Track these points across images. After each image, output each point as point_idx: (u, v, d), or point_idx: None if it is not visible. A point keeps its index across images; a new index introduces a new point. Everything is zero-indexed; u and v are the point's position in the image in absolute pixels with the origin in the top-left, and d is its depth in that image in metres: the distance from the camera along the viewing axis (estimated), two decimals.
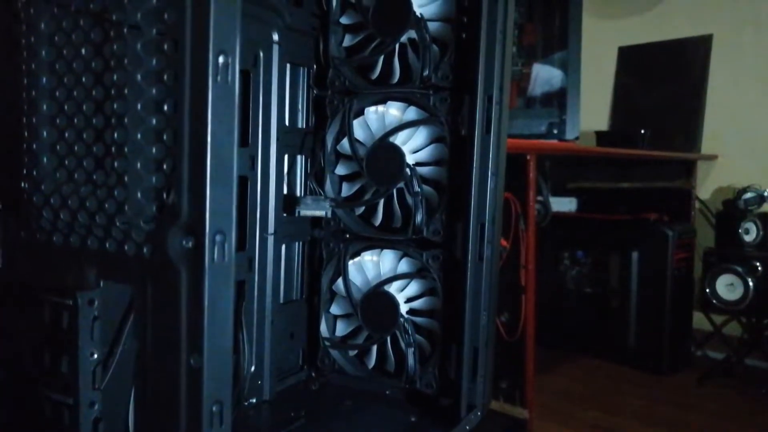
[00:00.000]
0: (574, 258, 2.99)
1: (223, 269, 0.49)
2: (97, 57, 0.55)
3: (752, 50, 2.86)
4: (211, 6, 0.46)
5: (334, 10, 1.08)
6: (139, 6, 0.52)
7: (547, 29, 2.48)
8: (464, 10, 1.01)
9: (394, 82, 1.06)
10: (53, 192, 0.58)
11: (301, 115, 1.11)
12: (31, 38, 0.58)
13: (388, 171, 1.04)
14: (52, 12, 0.56)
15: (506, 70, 1.01)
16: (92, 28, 0.55)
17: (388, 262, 1.07)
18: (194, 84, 0.48)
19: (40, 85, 0.59)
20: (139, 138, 0.53)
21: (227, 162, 0.49)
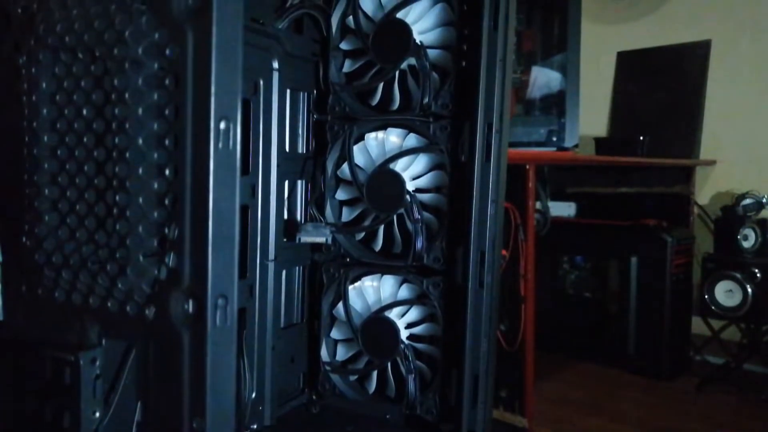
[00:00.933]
0: (573, 263, 2.99)
1: (225, 333, 0.50)
2: (98, 119, 0.55)
3: (750, 56, 2.86)
4: (213, 73, 0.46)
5: (334, 36, 1.08)
6: (140, 73, 0.52)
7: (546, 36, 2.48)
8: (464, 38, 1.01)
9: (395, 109, 1.06)
10: (55, 250, 0.59)
11: (301, 140, 1.11)
12: (32, 96, 0.59)
13: (388, 197, 1.04)
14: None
15: (506, 97, 1.01)
16: (93, 89, 0.56)
17: (388, 287, 1.08)
18: (196, 150, 0.48)
19: (41, 142, 0.59)
20: (140, 202, 0.53)
21: (229, 227, 0.49)
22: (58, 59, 0.56)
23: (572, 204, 3.13)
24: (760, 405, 2.44)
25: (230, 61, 0.47)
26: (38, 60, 0.57)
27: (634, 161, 2.61)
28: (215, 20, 0.45)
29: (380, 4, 1.06)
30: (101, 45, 0.54)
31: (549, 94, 2.43)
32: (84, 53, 0.55)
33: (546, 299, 2.87)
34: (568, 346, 2.92)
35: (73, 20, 0.55)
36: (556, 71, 2.38)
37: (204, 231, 0.48)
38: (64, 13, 0.56)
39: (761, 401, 2.46)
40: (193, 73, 0.47)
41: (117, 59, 0.53)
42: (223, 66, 0.47)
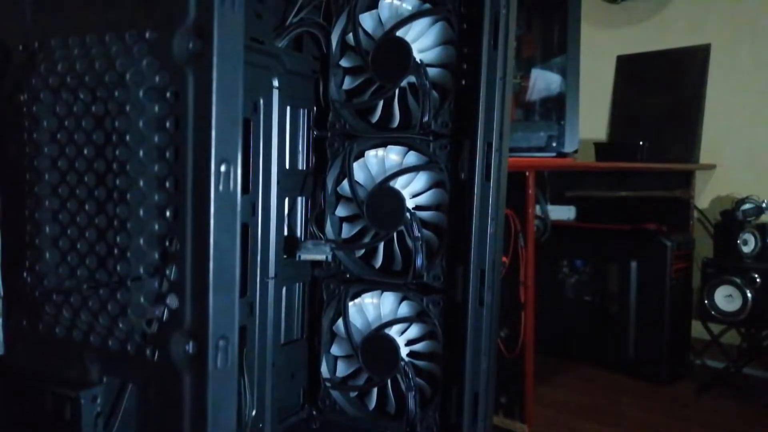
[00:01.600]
0: (573, 266, 2.99)
1: (226, 374, 0.50)
2: (99, 159, 0.56)
3: (750, 61, 2.86)
4: (213, 116, 0.46)
5: (334, 53, 1.08)
6: (140, 115, 0.52)
7: (546, 39, 2.48)
8: (464, 57, 1.01)
9: (395, 126, 1.06)
10: (55, 288, 0.59)
11: (301, 157, 1.11)
12: (33, 134, 0.59)
13: (388, 215, 1.04)
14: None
15: (506, 116, 1.02)
16: (94, 129, 0.56)
17: (388, 304, 1.08)
18: (196, 192, 0.48)
19: (42, 180, 0.59)
20: (141, 243, 0.54)
21: (230, 269, 0.49)
22: (59, 98, 0.56)
23: (572, 208, 3.13)
24: (761, 410, 2.44)
25: (230, 104, 0.47)
26: (39, 98, 0.57)
27: (634, 167, 2.61)
28: (216, 64, 0.45)
29: (380, 22, 1.06)
30: (102, 86, 0.54)
31: (549, 96, 2.43)
32: (85, 93, 0.55)
33: (546, 303, 2.87)
34: (568, 349, 2.93)
35: (74, 60, 0.55)
36: (555, 74, 2.38)
37: (205, 273, 0.48)
38: (65, 52, 0.56)
39: (761, 406, 2.46)
40: (193, 116, 0.47)
41: (118, 101, 0.53)
42: (224, 109, 0.47)
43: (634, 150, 2.61)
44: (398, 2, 1.04)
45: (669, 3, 3.05)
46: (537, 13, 2.49)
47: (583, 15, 2.32)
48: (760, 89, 2.84)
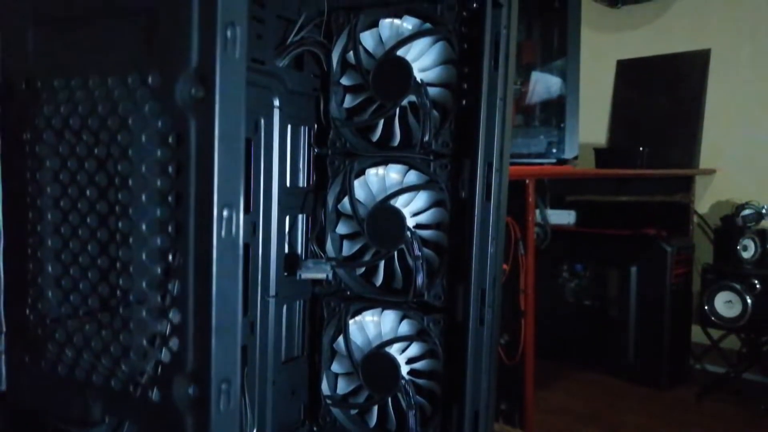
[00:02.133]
0: (573, 271, 3.00)
1: (228, 416, 0.50)
2: (101, 201, 0.56)
3: (750, 66, 2.86)
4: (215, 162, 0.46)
5: (334, 71, 1.08)
6: (143, 159, 0.52)
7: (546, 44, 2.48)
8: (464, 76, 1.01)
9: (395, 145, 1.06)
10: (58, 327, 0.59)
11: (302, 174, 1.11)
12: (36, 174, 0.59)
13: (388, 233, 1.04)
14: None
15: (506, 136, 1.02)
16: (97, 172, 0.56)
17: (389, 322, 1.08)
18: (198, 237, 0.48)
19: (45, 219, 0.59)
20: (144, 286, 0.54)
21: (232, 313, 0.49)
22: (62, 139, 0.56)
23: (572, 212, 3.14)
24: (761, 415, 2.45)
25: (232, 149, 0.48)
26: (42, 138, 0.58)
27: (634, 173, 2.62)
28: (218, 111, 0.46)
29: (380, 41, 1.06)
30: (105, 130, 0.54)
31: (549, 99, 2.43)
32: (88, 136, 0.55)
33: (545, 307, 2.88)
34: (568, 354, 2.93)
35: (77, 103, 0.55)
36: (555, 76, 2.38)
37: (207, 317, 0.48)
38: (68, 94, 0.56)
39: (761, 411, 2.47)
40: (195, 161, 0.47)
41: (120, 145, 0.54)
42: (226, 155, 0.47)
43: (634, 156, 2.62)
44: (398, 22, 1.04)
45: (669, 8, 3.05)
46: (537, 18, 2.49)
47: (583, 19, 2.33)
48: (760, 94, 2.84)
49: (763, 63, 2.84)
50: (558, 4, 2.42)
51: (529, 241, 2.18)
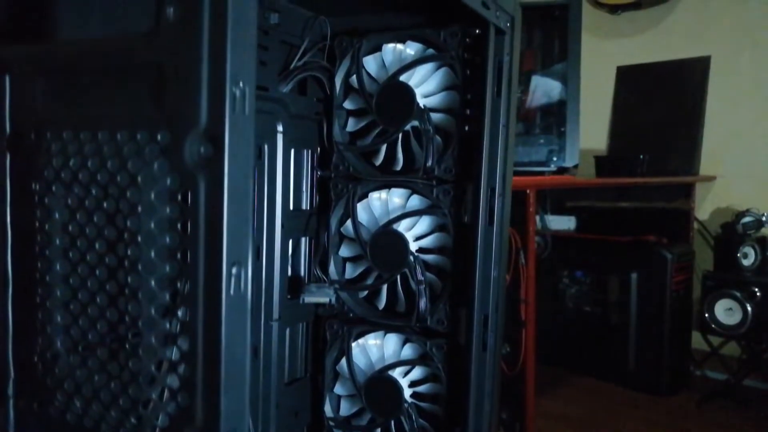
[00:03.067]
0: (574, 277, 3.00)
1: None
2: (110, 254, 0.56)
3: (750, 73, 2.87)
4: (224, 220, 0.47)
5: (337, 95, 1.09)
6: (152, 216, 0.53)
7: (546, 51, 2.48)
8: (467, 102, 1.02)
9: (398, 169, 1.06)
10: (67, 376, 0.60)
11: (305, 197, 1.11)
12: (45, 225, 0.59)
13: (391, 257, 1.05)
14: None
15: (509, 160, 1.02)
16: (106, 225, 0.56)
17: (391, 345, 1.09)
18: (207, 294, 0.49)
19: (53, 269, 0.60)
20: (152, 341, 0.54)
21: (240, 368, 0.50)
22: (71, 192, 0.57)
23: (572, 218, 3.14)
24: (761, 422, 2.45)
25: (242, 208, 0.48)
26: (51, 190, 0.58)
27: (633, 182, 2.62)
28: (227, 171, 0.46)
29: (384, 65, 1.06)
30: (114, 185, 0.55)
31: (549, 103, 2.43)
32: (97, 190, 0.56)
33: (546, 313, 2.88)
34: (568, 360, 2.93)
35: (87, 157, 0.56)
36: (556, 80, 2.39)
37: (216, 372, 0.49)
38: (78, 147, 0.56)
39: (762, 418, 2.47)
40: (204, 219, 0.47)
41: (129, 201, 0.54)
42: (235, 213, 0.47)
43: (634, 164, 2.62)
44: (401, 47, 1.04)
45: (669, 15, 3.06)
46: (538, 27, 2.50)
47: (583, 25, 2.33)
48: (760, 102, 2.84)
49: (763, 70, 2.85)
50: (558, 13, 2.42)
51: (529, 251, 2.18)
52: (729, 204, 2.90)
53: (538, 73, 2.45)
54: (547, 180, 2.27)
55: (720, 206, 2.94)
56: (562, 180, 2.28)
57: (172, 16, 0.47)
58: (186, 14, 0.46)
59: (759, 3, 2.85)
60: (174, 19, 0.47)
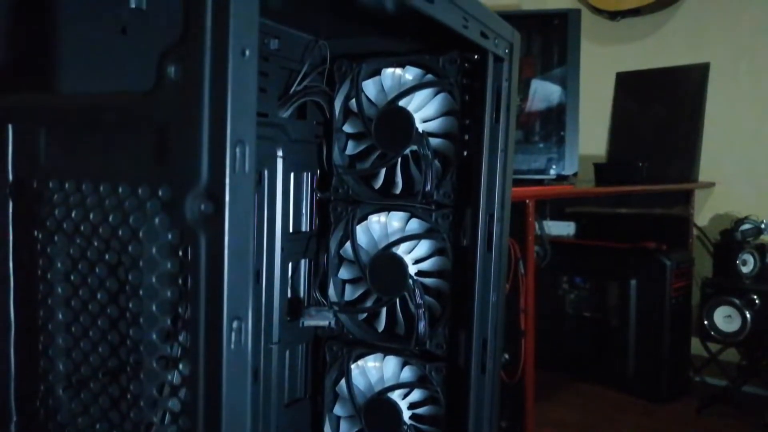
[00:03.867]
0: (573, 283, 3.00)
1: None
2: (111, 305, 0.57)
3: (748, 79, 2.87)
4: (225, 275, 0.47)
5: (337, 118, 1.09)
6: (153, 270, 0.53)
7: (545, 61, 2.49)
8: (466, 128, 1.02)
9: (397, 193, 1.07)
10: (68, 424, 0.60)
11: (305, 219, 1.12)
12: (47, 273, 0.60)
13: (390, 280, 1.05)
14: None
15: (507, 185, 1.03)
16: (108, 277, 0.57)
17: (391, 367, 1.09)
18: (208, 347, 0.49)
19: (55, 317, 0.60)
20: (153, 392, 0.55)
21: (241, 420, 0.50)
22: (72, 242, 0.57)
23: (571, 224, 3.15)
24: (760, 429, 2.46)
25: (242, 264, 0.49)
26: (53, 239, 0.59)
27: (632, 190, 2.63)
28: (227, 228, 0.47)
29: (383, 89, 1.07)
30: (116, 239, 0.55)
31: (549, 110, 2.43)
32: (99, 242, 0.56)
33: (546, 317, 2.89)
34: (567, 365, 2.94)
35: (89, 209, 0.56)
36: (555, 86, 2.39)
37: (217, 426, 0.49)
38: (80, 198, 0.57)
39: (761, 425, 2.48)
40: (205, 275, 0.48)
41: (131, 255, 0.55)
42: (235, 268, 0.48)
43: (633, 171, 2.62)
44: (400, 72, 1.05)
45: (668, 21, 3.06)
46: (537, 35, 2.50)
47: (583, 31, 2.33)
48: (759, 109, 2.85)
49: (762, 77, 2.85)
50: (558, 22, 2.43)
51: (529, 261, 2.19)
52: (728, 210, 2.90)
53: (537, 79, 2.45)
54: (546, 190, 2.27)
55: (719, 212, 2.95)
56: (561, 190, 2.29)
57: (174, 75, 0.47)
58: (187, 75, 0.47)
59: (758, 10, 2.86)
60: (175, 78, 0.47)
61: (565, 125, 2.38)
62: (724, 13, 2.94)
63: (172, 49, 0.47)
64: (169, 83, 0.48)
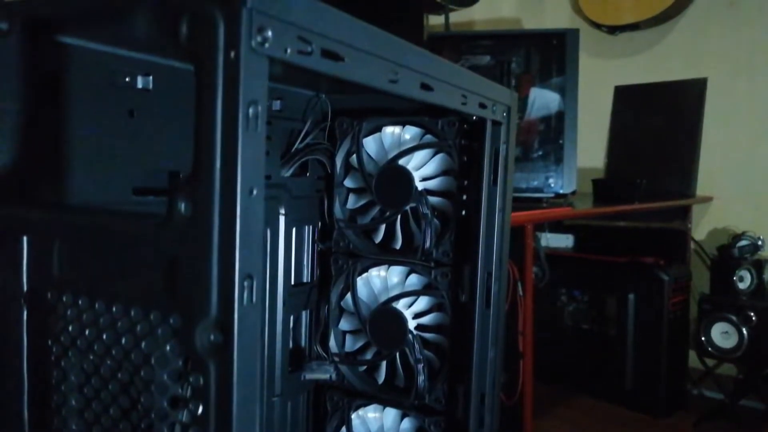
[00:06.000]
0: (571, 295, 3.03)
1: None
2: (124, 420, 0.59)
3: (746, 95, 2.89)
4: (234, 402, 0.49)
5: (338, 173, 1.11)
6: (164, 393, 0.56)
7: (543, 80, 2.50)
8: (464, 188, 1.04)
9: (397, 248, 1.09)
10: None
11: (306, 270, 1.14)
12: (61, 385, 0.62)
13: (390, 335, 1.07)
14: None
15: (504, 244, 1.05)
16: (120, 394, 0.59)
17: (390, 418, 1.12)
18: None
19: (68, 428, 0.62)
20: None
21: None
22: (86, 358, 0.59)
23: (570, 236, 3.17)
24: None
25: (250, 391, 0.50)
26: (68, 354, 0.61)
27: (631, 209, 2.64)
28: (236, 358, 0.49)
29: (383, 146, 1.09)
30: (128, 361, 0.58)
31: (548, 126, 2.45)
32: (112, 362, 0.58)
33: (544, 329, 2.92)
34: (565, 378, 2.97)
35: (102, 330, 0.58)
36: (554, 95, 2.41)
37: None
38: (93, 317, 0.59)
39: None
40: (215, 401, 0.50)
41: (143, 378, 0.57)
42: (244, 397, 0.50)
43: (631, 189, 2.64)
44: (400, 130, 1.07)
45: (666, 36, 3.08)
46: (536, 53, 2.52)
47: (582, 45, 2.35)
48: (756, 125, 2.87)
49: (759, 92, 2.87)
50: (556, 42, 2.44)
51: (527, 283, 2.21)
52: (725, 225, 2.93)
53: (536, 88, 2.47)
54: (545, 213, 2.29)
55: (717, 227, 2.97)
56: (559, 213, 2.31)
57: (184, 211, 0.49)
58: (197, 210, 0.49)
59: (755, 26, 2.88)
60: (186, 214, 0.49)
61: (563, 144, 2.40)
62: (722, 29, 2.96)
63: (183, 186, 0.49)
64: (179, 218, 0.50)
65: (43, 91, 0.70)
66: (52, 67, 0.71)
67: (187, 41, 0.49)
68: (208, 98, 0.48)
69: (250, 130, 0.48)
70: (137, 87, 0.80)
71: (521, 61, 2.52)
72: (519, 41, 2.56)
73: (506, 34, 2.60)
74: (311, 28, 0.53)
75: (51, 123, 0.71)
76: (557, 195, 2.41)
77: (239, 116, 0.48)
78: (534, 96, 2.52)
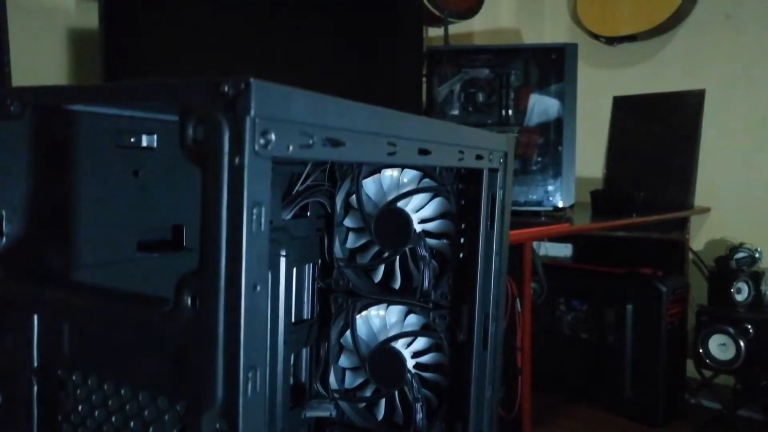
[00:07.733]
0: (570, 305, 3.05)
1: None
2: None
3: (744, 107, 2.91)
4: None
5: (338, 213, 1.13)
6: None
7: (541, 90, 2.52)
8: (462, 231, 1.06)
9: (396, 287, 1.11)
10: None
11: (306, 307, 1.16)
12: None
13: (389, 373, 1.09)
14: None
15: (501, 285, 1.07)
16: None
17: None
18: None
19: None
20: None
21: None
22: None
23: (569, 245, 3.20)
24: None
25: None
26: None
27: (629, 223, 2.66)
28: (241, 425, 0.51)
29: (382, 188, 1.11)
30: None
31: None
32: None
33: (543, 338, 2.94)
34: (563, 387, 2.99)
35: (111, 412, 0.60)
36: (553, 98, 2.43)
37: None
38: (102, 398, 0.61)
39: None
40: None
41: None
42: None
43: (629, 202, 2.65)
44: (398, 174, 1.09)
45: (664, 47, 3.10)
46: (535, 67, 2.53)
47: (581, 56, 2.37)
48: (753, 136, 2.89)
49: (757, 104, 2.89)
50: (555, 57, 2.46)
51: (525, 300, 2.23)
52: (723, 236, 2.94)
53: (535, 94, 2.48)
54: (542, 231, 2.31)
55: (715, 237, 2.99)
56: (558, 229, 2.32)
57: (190, 304, 0.51)
58: (203, 304, 0.51)
59: (753, 38, 2.89)
60: (191, 306, 0.51)
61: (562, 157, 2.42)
62: (720, 40, 2.97)
63: (189, 279, 0.51)
64: (185, 310, 0.52)
65: (50, 159, 0.72)
66: (60, 136, 0.73)
67: (192, 143, 0.51)
68: (214, 198, 0.50)
69: (254, 230, 0.50)
70: (142, 146, 0.82)
71: (520, 75, 2.54)
72: (518, 55, 2.57)
73: (505, 48, 2.61)
74: (313, 122, 0.55)
75: (58, 189, 0.73)
76: (556, 208, 2.43)
77: (243, 218, 0.50)
78: (533, 102, 2.53)
